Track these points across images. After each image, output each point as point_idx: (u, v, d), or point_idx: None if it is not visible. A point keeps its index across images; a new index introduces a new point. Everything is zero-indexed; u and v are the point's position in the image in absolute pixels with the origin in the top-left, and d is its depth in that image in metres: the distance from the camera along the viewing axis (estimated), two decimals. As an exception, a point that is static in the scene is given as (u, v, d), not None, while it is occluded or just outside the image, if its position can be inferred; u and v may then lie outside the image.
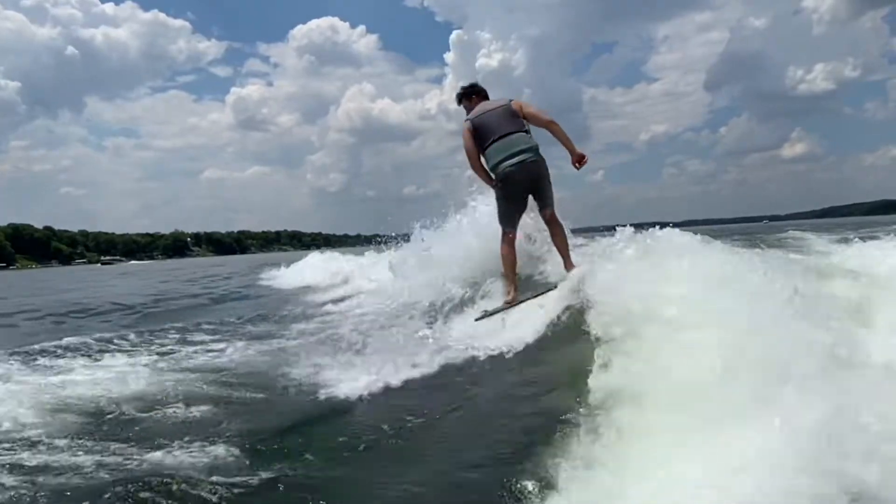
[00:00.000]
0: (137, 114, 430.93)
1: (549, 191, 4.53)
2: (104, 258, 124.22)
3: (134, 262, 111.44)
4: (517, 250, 4.69)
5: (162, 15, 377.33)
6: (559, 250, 4.54)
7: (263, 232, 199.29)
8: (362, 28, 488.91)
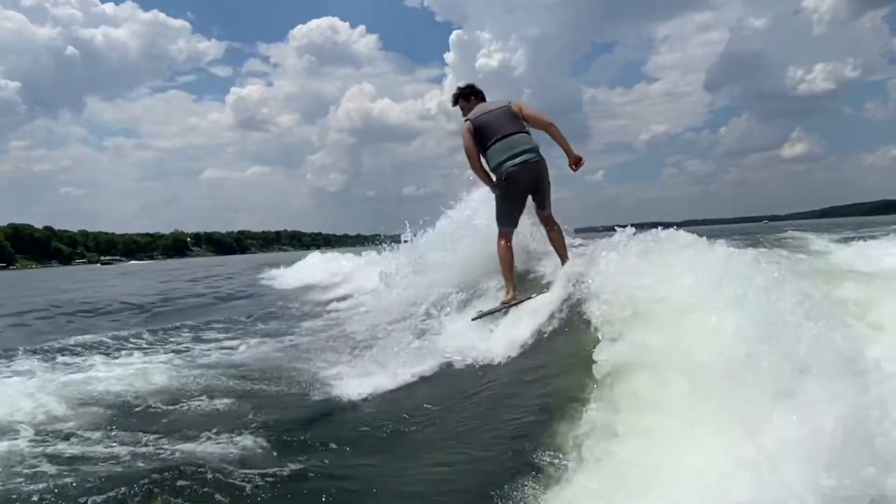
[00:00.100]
0: (137, 114, 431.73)
1: (549, 192, 4.57)
2: (104, 258, 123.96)
3: (134, 262, 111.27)
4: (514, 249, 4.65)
5: (162, 15, 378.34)
6: (557, 251, 4.59)
7: (263, 232, 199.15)
8: (362, 28, 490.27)
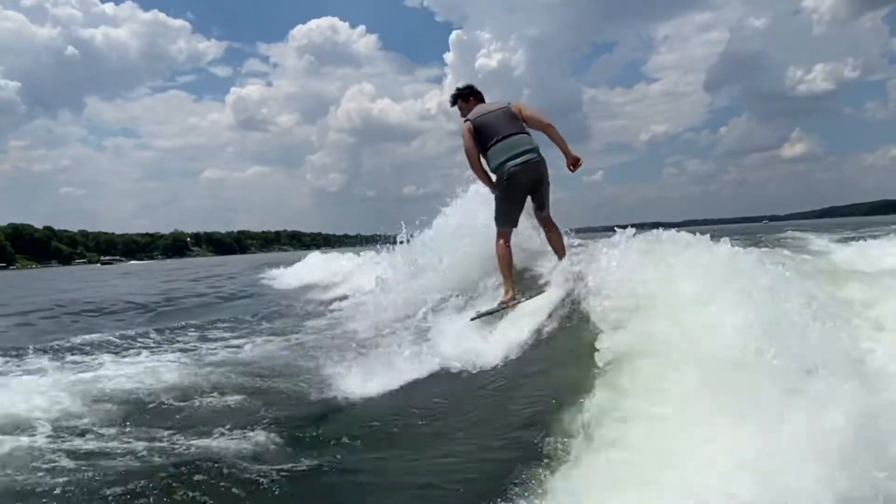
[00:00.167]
0: (137, 114, 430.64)
1: (548, 192, 4.59)
2: (104, 258, 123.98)
3: (134, 262, 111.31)
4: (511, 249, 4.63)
5: (162, 15, 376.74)
6: (556, 251, 4.62)
7: (263, 232, 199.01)
8: (362, 28, 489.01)
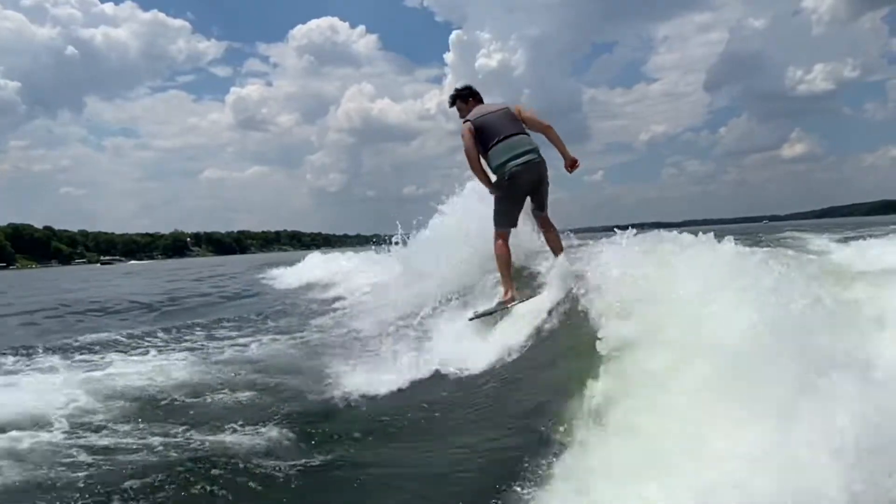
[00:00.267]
0: (137, 114, 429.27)
1: (547, 193, 4.63)
2: (104, 258, 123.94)
3: (134, 262, 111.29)
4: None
5: (161, 15, 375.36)
6: (553, 251, 4.66)
7: (263, 232, 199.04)
8: (362, 28, 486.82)
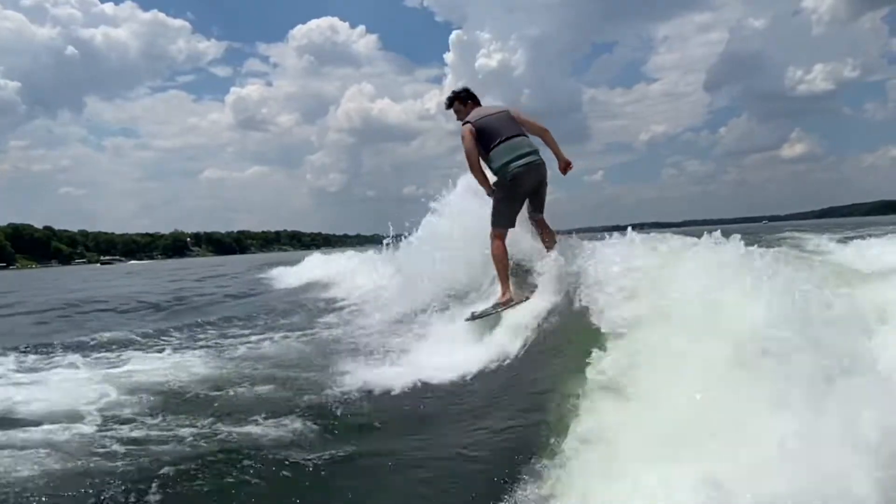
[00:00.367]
0: (137, 114, 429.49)
1: (545, 195, 4.68)
2: (104, 258, 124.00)
3: (134, 262, 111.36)
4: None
5: (161, 15, 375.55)
6: (549, 251, 4.61)
7: (263, 232, 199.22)
8: (362, 28, 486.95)
